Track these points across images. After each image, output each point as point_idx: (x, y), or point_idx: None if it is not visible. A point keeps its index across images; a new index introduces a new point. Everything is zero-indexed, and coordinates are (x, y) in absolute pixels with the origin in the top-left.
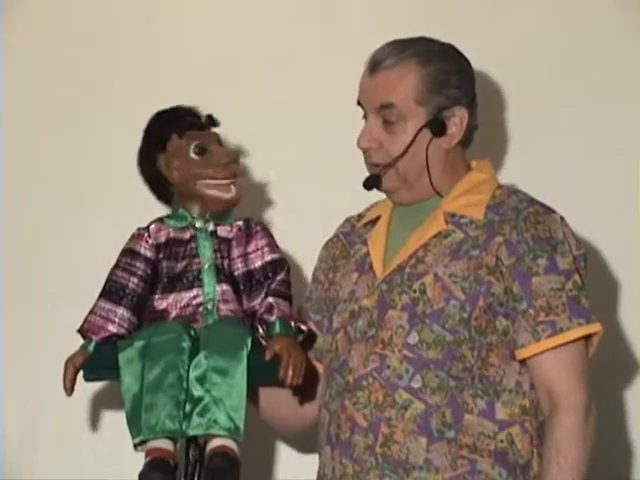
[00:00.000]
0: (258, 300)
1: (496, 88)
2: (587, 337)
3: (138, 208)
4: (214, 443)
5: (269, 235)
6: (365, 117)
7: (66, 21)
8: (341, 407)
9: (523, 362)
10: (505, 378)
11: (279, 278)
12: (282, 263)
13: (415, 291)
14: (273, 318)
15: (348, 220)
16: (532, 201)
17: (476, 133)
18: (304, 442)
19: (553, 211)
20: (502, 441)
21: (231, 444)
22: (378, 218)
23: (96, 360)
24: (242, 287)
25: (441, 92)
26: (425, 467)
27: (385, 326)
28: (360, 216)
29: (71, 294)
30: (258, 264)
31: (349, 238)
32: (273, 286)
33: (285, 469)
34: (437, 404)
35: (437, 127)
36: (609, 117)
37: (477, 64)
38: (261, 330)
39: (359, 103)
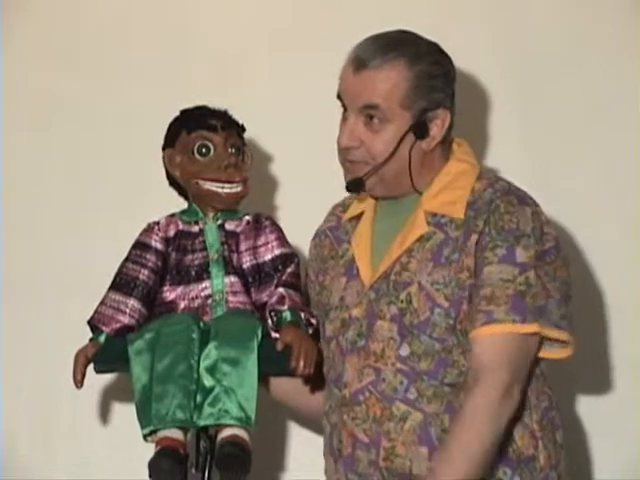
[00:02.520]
0: (267, 292)
1: (497, 86)
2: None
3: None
4: (225, 433)
5: (278, 230)
6: (345, 110)
7: (69, 16)
8: (341, 422)
9: None
10: None
11: (289, 270)
12: (292, 257)
13: (402, 301)
14: (284, 308)
15: (333, 213)
16: (507, 192)
17: (479, 133)
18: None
19: (527, 203)
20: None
21: (242, 433)
22: (362, 213)
23: (106, 352)
24: (251, 280)
25: (426, 96)
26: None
27: (375, 337)
28: (345, 207)
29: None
30: (268, 257)
31: (336, 234)
32: (284, 278)
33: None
34: (435, 412)
35: (420, 130)
36: (610, 114)
37: (478, 61)
38: (270, 322)
39: (339, 97)
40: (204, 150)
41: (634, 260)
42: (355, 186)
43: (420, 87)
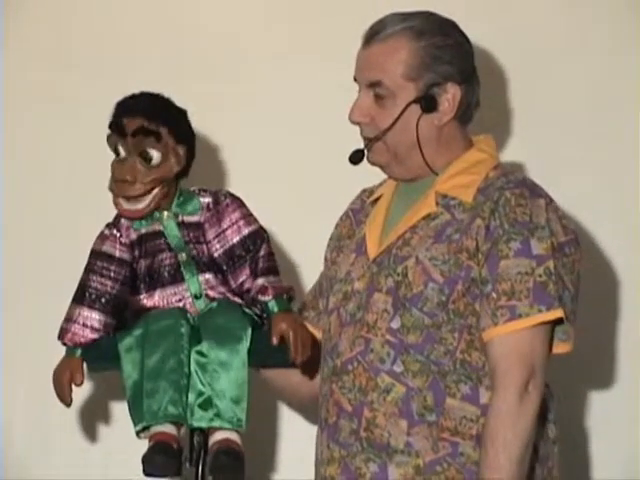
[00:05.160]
0: (244, 277)
1: (499, 81)
2: (554, 323)
3: None
4: (217, 436)
5: (241, 205)
6: (360, 91)
7: (68, 15)
8: (329, 391)
9: None
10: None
11: (262, 253)
12: (260, 233)
13: (398, 274)
14: (269, 298)
15: (360, 196)
16: (520, 183)
17: (479, 130)
18: (305, 431)
19: (540, 195)
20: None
21: (234, 436)
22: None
23: (97, 350)
24: (225, 266)
25: (432, 68)
26: (406, 451)
27: (371, 309)
28: (371, 192)
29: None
30: (236, 239)
31: (357, 216)
32: (260, 264)
33: (286, 458)
34: (418, 387)
35: (427, 103)
36: (611, 111)
37: (482, 55)
38: (256, 310)
39: (355, 79)
40: (117, 155)
41: (636, 258)
42: (356, 157)
43: (425, 58)
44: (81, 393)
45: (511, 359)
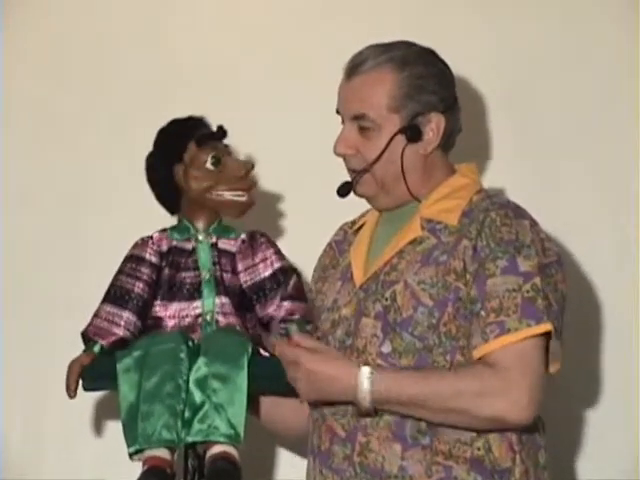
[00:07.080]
0: (273, 307)
1: (495, 93)
2: (547, 338)
3: (143, 214)
4: (215, 449)
5: (274, 245)
6: (343, 123)
7: (67, 22)
8: (321, 417)
9: None
10: None
11: (292, 282)
12: (292, 270)
13: (387, 299)
14: (296, 318)
15: (342, 227)
16: (504, 205)
17: (475, 138)
18: (303, 448)
19: (525, 217)
20: (479, 448)
21: (231, 450)
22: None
23: (95, 370)
24: (255, 297)
25: (415, 98)
26: (400, 475)
27: (360, 335)
28: (353, 223)
29: (74, 297)
30: (268, 273)
31: (341, 247)
32: (289, 290)
33: (283, 475)
34: None
35: (412, 133)
36: (608, 121)
37: (476, 68)
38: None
39: (338, 111)
40: (217, 162)
41: (628, 274)
42: (345, 189)
43: (409, 89)
44: (76, 407)
45: (511, 363)
